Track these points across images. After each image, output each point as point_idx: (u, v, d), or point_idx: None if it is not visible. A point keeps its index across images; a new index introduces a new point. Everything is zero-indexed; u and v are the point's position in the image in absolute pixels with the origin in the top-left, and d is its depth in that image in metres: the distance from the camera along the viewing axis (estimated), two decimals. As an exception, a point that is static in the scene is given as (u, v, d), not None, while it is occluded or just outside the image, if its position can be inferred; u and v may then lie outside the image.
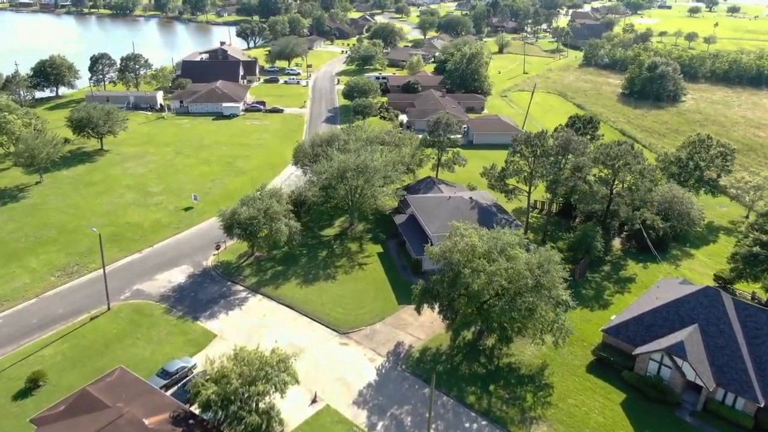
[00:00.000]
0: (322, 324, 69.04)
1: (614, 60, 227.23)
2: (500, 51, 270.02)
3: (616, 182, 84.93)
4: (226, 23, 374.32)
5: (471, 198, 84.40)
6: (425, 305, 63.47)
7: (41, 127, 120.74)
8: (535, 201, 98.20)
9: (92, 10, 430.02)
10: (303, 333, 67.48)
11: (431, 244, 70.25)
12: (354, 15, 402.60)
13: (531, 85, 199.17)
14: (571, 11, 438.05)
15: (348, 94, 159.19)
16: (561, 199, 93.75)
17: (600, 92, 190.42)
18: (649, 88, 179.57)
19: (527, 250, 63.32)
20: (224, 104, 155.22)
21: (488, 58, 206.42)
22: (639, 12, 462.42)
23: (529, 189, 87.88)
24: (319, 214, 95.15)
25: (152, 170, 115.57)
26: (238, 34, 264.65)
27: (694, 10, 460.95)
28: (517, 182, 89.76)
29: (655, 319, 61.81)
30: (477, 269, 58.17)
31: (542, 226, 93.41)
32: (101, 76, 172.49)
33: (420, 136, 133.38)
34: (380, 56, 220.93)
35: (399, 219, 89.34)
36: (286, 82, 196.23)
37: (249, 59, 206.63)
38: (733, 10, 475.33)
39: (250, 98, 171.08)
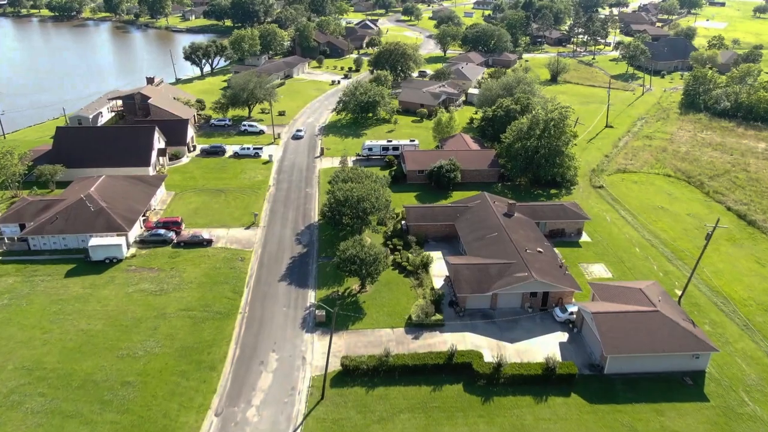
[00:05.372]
0: None
1: (738, 104, 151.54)
2: (553, 79, 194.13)
3: None
4: (189, 30, 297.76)
5: None
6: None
7: None
8: None
9: (32, 11, 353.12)
10: None
11: None
12: (352, 17, 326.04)
13: (630, 157, 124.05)
14: (617, 11, 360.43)
15: (333, 216, 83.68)
16: None
17: (753, 175, 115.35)
18: None
19: None
20: (94, 239, 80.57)
21: (575, 122, 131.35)
22: (693, 11, 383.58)
23: None
24: None
25: None
26: (187, 57, 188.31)
27: (761, 10, 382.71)
28: None
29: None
30: None
31: None
32: None
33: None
34: (387, 99, 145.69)
35: None
36: (236, 155, 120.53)
37: (179, 117, 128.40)
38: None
39: (156, 209, 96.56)
